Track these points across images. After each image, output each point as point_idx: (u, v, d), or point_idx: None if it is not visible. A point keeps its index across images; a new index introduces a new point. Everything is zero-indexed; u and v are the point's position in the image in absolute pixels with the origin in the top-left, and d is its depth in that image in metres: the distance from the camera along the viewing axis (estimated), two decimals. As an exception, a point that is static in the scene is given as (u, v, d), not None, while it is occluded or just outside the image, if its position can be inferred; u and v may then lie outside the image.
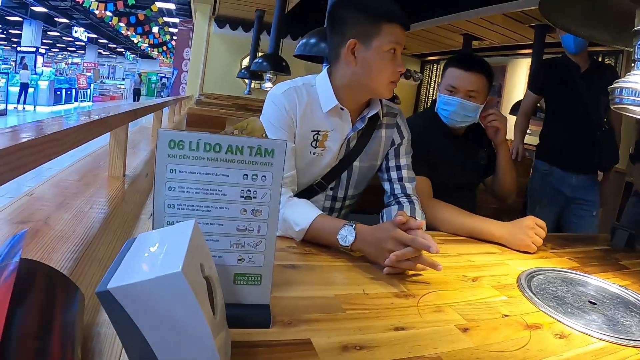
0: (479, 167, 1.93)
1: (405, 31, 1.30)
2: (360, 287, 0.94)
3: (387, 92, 1.34)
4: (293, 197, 1.28)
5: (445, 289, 1.01)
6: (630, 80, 1.01)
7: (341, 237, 1.08)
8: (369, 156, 1.47)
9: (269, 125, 1.30)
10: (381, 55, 1.27)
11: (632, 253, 1.72)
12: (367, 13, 1.26)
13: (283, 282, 0.90)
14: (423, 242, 0.98)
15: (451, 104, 1.72)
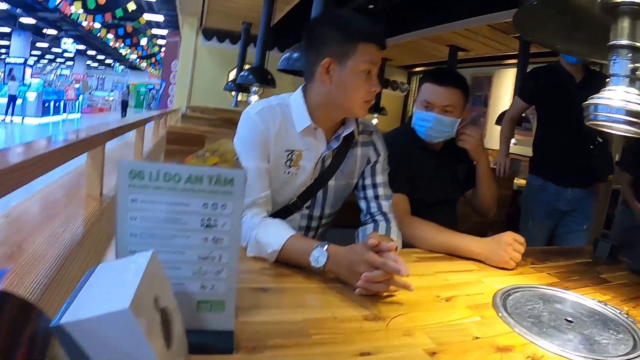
0: (458, 182, 1.92)
1: (381, 51, 1.29)
2: (331, 310, 0.93)
3: (361, 112, 1.33)
4: (267, 218, 1.27)
5: (417, 310, 0.99)
6: (605, 96, 1.01)
7: (313, 258, 1.07)
8: (344, 175, 1.46)
9: (243, 145, 1.30)
10: (356, 75, 1.26)
11: (615, 265, 1.72)
12: (343, 32, 1.25)
13: (252, 306, 0.89)
14: (394, 266, 0.97)
15: (427, 119, 1.70)
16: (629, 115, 0.97)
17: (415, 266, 1.31)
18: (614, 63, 1.03)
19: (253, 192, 1.27)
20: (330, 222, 1.58)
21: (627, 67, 1.01)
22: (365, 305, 0.97)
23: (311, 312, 0.91)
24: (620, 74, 1.02)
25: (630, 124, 0.98)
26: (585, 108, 1.04)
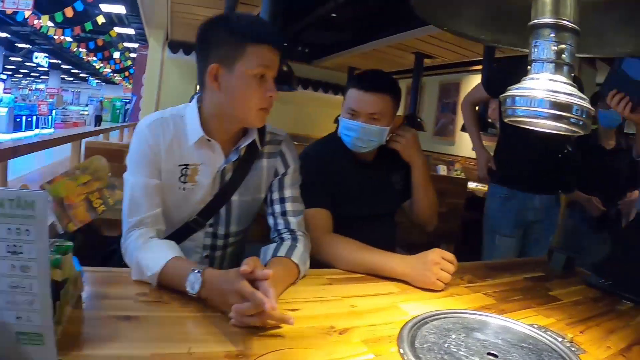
0: (395, 193, 1.77)
1: (278, 53, 1.18)
2: (189, 344, 0.80)
3: (257, 121, 1.22)
4: (154, 239, 1.16)
5: (298, 345, 0.85)
6: (526, 86, 0.84)
7: (189, 284, 0.97)
8: (249, 189, 1.34)
9: (131, 160, 1.21)
10: (246, 80, 1.14)
11: (571, 278, 1.56)
12: (230, 34, 1.14)
13: (103, 337, 0.78)
14: (260, 299, 0.85)
15: (353, 128, 1.57)
16: (555, 108, 0.80)
17: (322, 290, 1.18)
18: (536, 46, 0.87)
19: (140, 210, 1.17)
20: (241, 240, 1.43)
21: (551, 50, 0.84)
22: (234, 340, 0.84)
23: (165, 347, 0.79)
24: (543, 59, 0.85)
25: (556, 118, 0.80)
26: (502, 102, 0.87)
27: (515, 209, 2.46)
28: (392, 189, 1.76)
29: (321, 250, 1.39)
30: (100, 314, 0.87)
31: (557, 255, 1.70)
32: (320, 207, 1.49)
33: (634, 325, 1.19)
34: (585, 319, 1.18)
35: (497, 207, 2.52)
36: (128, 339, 0.80)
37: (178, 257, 1.06)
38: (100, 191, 1.04)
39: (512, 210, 2.47)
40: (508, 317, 1.08)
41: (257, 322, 0.87)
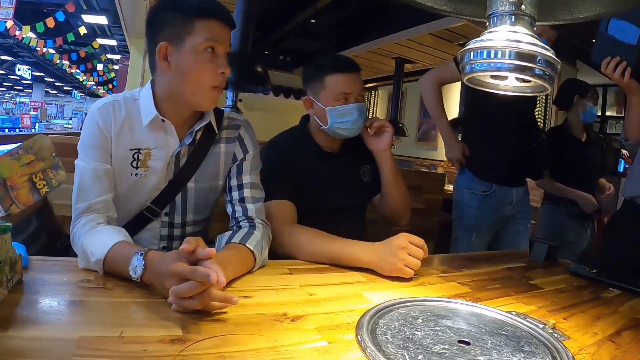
0: (363, 186, 1.71)
1: (228, 28, 1.15)
2: (122, 328, 0.73)
3: (208, 101, 1.16)
4: (102, 225, 1.09)
5: (241, 331, 0.77)
6: (485, 38, 0.76)
7: (132, 268, 0.90)
8: (206, 176, 1.28)
9: (81, 144, 1.16)
10: (196, 56, 1.10)
11: (553, 268, 1.49)
12: (177, 11, 1.10)
13: (33, 320, 0.73)
14: (202, 272, 0.78)
15: (350, 112, 1.53)
16: (517, 58, 0.72)
17: (280, 279, 1.09)
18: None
19: (88, 195, 1.11)
20: (201, 231, 1.36)
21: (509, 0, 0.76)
22: (172, 325, 0.76)
23: (96, 330, 0.72)
24: (502, 11, 0.77)
25: (520, 69, 0.72)
26: (460, 60, 0.79)
27: (494, 206, 2.30)
28: (360, 181, 1.70)
29: (282, 241, 1.31)
30: (36, 298, 0.81)
31: (539, 246, 1.63)
32: (283, 199, 1.43)
33: (622, 311, 1.12)
34: (568, 306, 1.11)
35: (476, 205, 2.31)
36: (59, 323, 0.74)
37: (124, 241, 0.99)
38: (44, 172, 0.96)
39: (490, 208, 2.30)
40: (484, 304, 0.99)
41: (198, 304, 0.80)
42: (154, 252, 0.91)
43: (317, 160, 1.60)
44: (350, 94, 1.54)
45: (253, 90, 3.37)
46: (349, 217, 1.65)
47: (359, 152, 1.69)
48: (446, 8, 1.08)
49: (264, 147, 1.54)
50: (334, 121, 1.54)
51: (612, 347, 0.88)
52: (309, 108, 1.61)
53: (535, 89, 0.81)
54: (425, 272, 1.21)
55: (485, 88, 0.84)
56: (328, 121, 1.54)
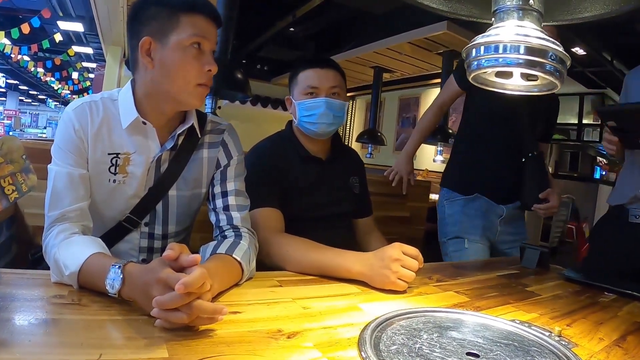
0: (352, 196, 1.68)
1: (214, 24, 1.10)
2: (101, 350, 0.65)
3: (194, 99, 1.10)
4: (76, 235, 1.01)
5: (235, 352, 0.69)
6: (492, 33, 0.72)
7: (109, 282, 0.82)
8: (189, 183, 1.22)
9: (55, 147, 1.08)
10: (181, 52, 1.05)
11: (546, 274, 1.48)
12: (162, 6, 1.06)
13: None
14: (191, 281, 0.72)
15: (317, 106, 1.51)
16: (527, 53, 0.68)
17: (270, 292, 1.02)
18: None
19: (62, 203, 1.04)
20: (183, 241, 1.29)
21: (516, -5, 0.73)
22: (157, 345, 0.68)
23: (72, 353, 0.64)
24: (509, 5, 0.74)
25: (529, 65, 0.68)
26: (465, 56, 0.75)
27: (480, 210, 2.13)
28: (349, 190, 1.67)
29: (270, 251, 1.26)
30: (4, 316, 0.73)
31: (530, 252, 1.62)
32: (269, 207, 1.39)
33: (622, 316, 1.11)
34: (569, 312, 1.09)
35: (459, 210, 2.16)
36: (29, 344, 0.65)
37: (101, 253, 0.91)
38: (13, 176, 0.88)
39: (476, 212, 2.13)
40: (486, 313, 0.95)
41: (185, 318, 0.72)
42: (133, 264, 0.84)
43: (303, 164, 1.56)
44: (320, 89, 1.52)
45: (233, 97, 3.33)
46: (339, 225, 1.61)
47: (348, 162, 1.69)
48: (443, 8, 1.04)
49: (249, 153, 1.50)
50: (301, 115, 1.53)
51: (621, 352, 0.86)
52: (289, 107, 1.60)
53: (542, 87, 0.78)
54: (419, 281, 1.16)
55: (491, 87, 0.80)
56: (297, 116, 1.53)
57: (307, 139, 1.58)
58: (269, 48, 7.12)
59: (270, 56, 7.87)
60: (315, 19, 5.88)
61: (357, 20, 5.78)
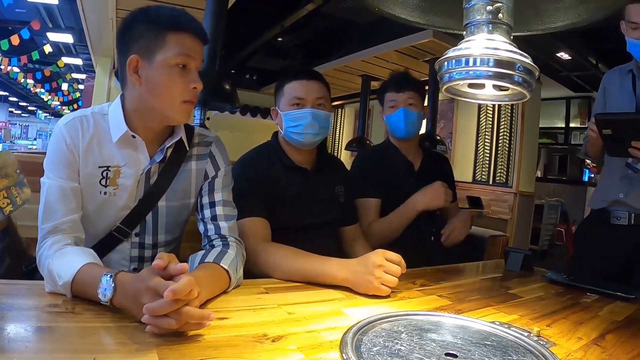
0: (338, 205, 1.70)
1: (200, 42, 1.12)
2: (94, 355, 0.68)
3: (180, 115, 1.13)
4: (69, 246, 1.04)
5: (222, 355, 0.73)
6: (463, 47, 0.76)
7: (101, 291, 0.85)
8: (177, 194, 1.24)
9: (48, 161, 1.11)
10: (167, 70, 1.07)
11: (530, 277, 1.50)
12: (149, 24, 1.08)
13: None
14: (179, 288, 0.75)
15: (303, 116, 1.53)
16: (496, 65, 0.71)
17: (257, 298, 1.05)
18: (469, 8, 0.79)
19: (55, 215, 1.06)
20: (172, 251, 1.30)
21: (485, 9, 0.76)
22: (147, 350, 0.72)
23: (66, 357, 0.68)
24: (479, 20, 0.77)
25: (498, 77, 0.72)
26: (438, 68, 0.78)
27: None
28: (334, 198, 1.69)
29: (257, 260, 1.29)
30: (0, 324, 0.76)
31: (514, 255, 1.64)
32: (256, 217, 1.41)
33: (603, 315, 1.14)
34: (550, 313, 1.12)
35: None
36: (26, 350, 0.68)
37: (93, 263, 0.94)
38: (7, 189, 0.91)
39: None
40: (466, 316, 0.98)
41: (174, 324, 0.76)
42: (124, 273, 0.87)
43: (289, 174, 1.58)
44: (305, 100, 1.54)
45: (221, 108, 3.35)
46: (325, 234, 1.63)
47: (333, 171, 1.71)
48: (420, 20, 1.08)
49: (235, 164, 1.52)
50: (288, 126, 1.55)
51: (598, 350, 0.88)
52: (275, 118, 1.62)
53: (513, 97, 0.81)
54: (403, 286, 1.19)
55: (464, 98, 0.84)
56: (283, 127, 1.56)
57: (292, 149, 1.60)
58: (258, 58, 7.15)
59: (259, 66, 7.90)
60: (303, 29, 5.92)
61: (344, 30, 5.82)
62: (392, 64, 5.66)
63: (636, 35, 1.66)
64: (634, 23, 1.65)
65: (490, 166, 5.54)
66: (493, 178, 5.52)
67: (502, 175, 5.43)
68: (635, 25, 1.64)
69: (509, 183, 5.32)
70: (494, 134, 5.53)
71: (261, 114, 9.15)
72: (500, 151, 5.47)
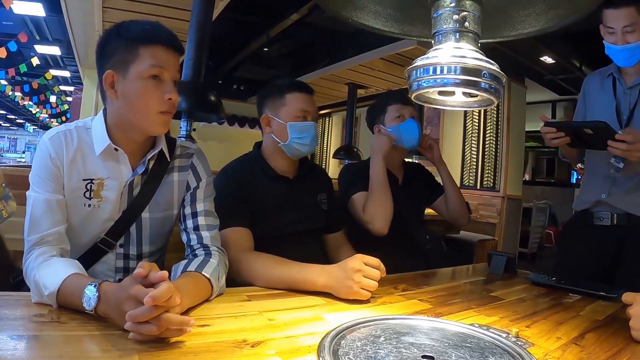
0: (320, 212, 1.72)
1: (174, 53, 1.14)
2: None
3: (157, 127, 1.15)
4: (55, 257, 1.06)
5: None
6: (431, 55, 0.78)
7: (85, 300, 0.87)
8: (160, 205, 1.27)
9: (33, 174, 1.13)
10: (141, 83, 1.10)
11: (513, 279, 1.52)
12: (122, 39, 1.11)
13: None
14: (158, 294, 0.78)
15: (310, 129, 1.60)
16: (463, 73, 0.74)
17: (238, 306, 1.07)
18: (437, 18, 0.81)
19: (41, 227, 1.08)
20: (157, 261, 1.32)
21: (452, 18, 0.79)
22: (129, 356, 0.74)
23: None
24: (446, 29, 0.79)
25: (465, 84, 0.74)
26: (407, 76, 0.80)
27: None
28: (318, 207, 1.71)
29: (240, 269, 1.30)
30: None
31: (497, 258, 1.66)
32: (238, 226, 1.43)
33: (584, 315, 1.16)
34: (530, 314, 1.13)
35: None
36: (11, 358, 0.70)
37: (78, 273, 0.96)
38: (-7, 203, 0.91)
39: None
40: (445, 319, 1.00)
41: (155, 330, 0.78)
42: (108, 283, 0.89)
43: (271, 183, 1.60)
44: (309, 113, 1.60)
45: (207, 119, 3.35)
46: (308, 241, 1.64)
47: (316, 179, 1.74)
48: (394, 30, 1.10)
49: (218, 174, 1.54)
50: (294, 136, 1.57)
51: (577, 350, 0.90)
52: (266, 126, 1.63)
53: (482, 103, 0.84)
54: (385, 291, 1.21)
55: (433, 105, 0.85)
56: (288, 136, 1.57)
57: (276, 159, 1.63)
58: (245, 68, 7.18)
59: (246, 76, 7.94)
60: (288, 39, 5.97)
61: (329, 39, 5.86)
62: (377, 71, 5.71)
63: (613, 39, 1.69)
64: (610, 28, 1.68)
65: (477, 171, 5.57)
66: (480, 183, 5.54)
67: (490, 179, 5.46)
68: (612, 30, 1.68)
69: (496, 187, 5.35)
70: (481, 138, 5.57)
71: (249, 123, 9.16)
72: (487, 156, 5.50)
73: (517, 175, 5.48)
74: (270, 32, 5.46)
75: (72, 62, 10.19)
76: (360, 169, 1.98)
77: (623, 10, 1.63)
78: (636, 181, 1.78)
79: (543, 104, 8.02)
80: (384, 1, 1.04)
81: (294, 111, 1.59)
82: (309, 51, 6.59)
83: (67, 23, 5.39)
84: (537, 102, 7.82)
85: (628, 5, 1.63)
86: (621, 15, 1.64)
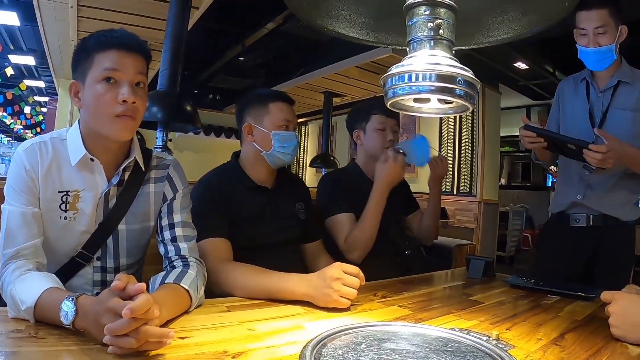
0: (298, 222, 1.72)
1: (130, 55, 1.12)
2: None
3: (117, 131, 1.13)
4: (31, 271, 1.04)
5: None
6: (406, 63, 0.79)
7: (63, 314, 0.86)
8: (137, 217, 1.25)
9: (8, 187, 1.12)
10: (95, 87, 1.10)
11: (492, 283, 1.53)
12: (82, 49, 1.13)
13: None
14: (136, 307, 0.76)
15: (291, 138, 1.61)
16: (438, 80, 0.74)
17: (218, 317, 1.05)
18: (411, 26, 0.82)
19: (16, 240, 1.06)
20: (135, 273, 1.31)
21: (427, 26, 0.80)
22: None
23: None
24: (420, 36, 0.80)
25: (440, 91, 0.75)
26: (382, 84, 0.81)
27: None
28: (296, 217, 1.71)
29: (218, 279, 1.29)
30: None
31: (475, 262, 1.67)
32: (217, 237, 1.42)
33: (563, 316, 1.18)
34: (510, 316, 1.15)
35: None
36: None
37: (55, 287, 0.95)
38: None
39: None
40: (426, 324, 1.00)
41: (134, 343, 0.77)
42: (86, 296, 0.87)
43: (249, 194, 1.60)
44: (291, 123, 1.62)
45: (183, 129, 3.33)
46: (286, 251, 1.64)
47: (293, 189, 1.74)
48: (369, 38, 1.11)
49: (195, 185, 1.53)
50: (277, 145, 1.57)
51: (557, 350, 0.91)
52: (248, 135, 1.62)
53: (457, 110, 0.84)
54: (365, 298, 1.21)
55: (409, 112, 0.86)
56: (272, 145, 1.57)
57: (255, 169, 1.62)
58: (220, 77, 7.16)
59: (221, 85, 7.91)
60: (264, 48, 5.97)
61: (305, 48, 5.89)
62: (353, 79, 5.76)
63: (585, 41, 1.73)
64: (582, 29, 1.72)
65: (454, 176, 5.63)
66: (457, 188, 5.60)
67: (466, 184, 5.52)
68: (584, 31, 1.72)
69: (473, 192, 5.42)
70: (456, 144, 5.64)
71: (225, 133, 9.11)
72: (463, 161, 5.57)
73: (493, 180, 5.56)
74: (245, 41, 5.47)
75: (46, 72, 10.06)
76: (342, 181, 1.97)
77: (595, 11, 1.68)
78: (611, 183, 1.82)
79: (517, 109, 8.16)
80: (359, 10, 1.05)
81: (278, 120, 1.60)
82: (285, 60, 6.61)
83: (41, 33, 5.33)
84: (511, 107, 7.96)
85: (600, 7, 1.67)
86: (593, 16, 1.68)
